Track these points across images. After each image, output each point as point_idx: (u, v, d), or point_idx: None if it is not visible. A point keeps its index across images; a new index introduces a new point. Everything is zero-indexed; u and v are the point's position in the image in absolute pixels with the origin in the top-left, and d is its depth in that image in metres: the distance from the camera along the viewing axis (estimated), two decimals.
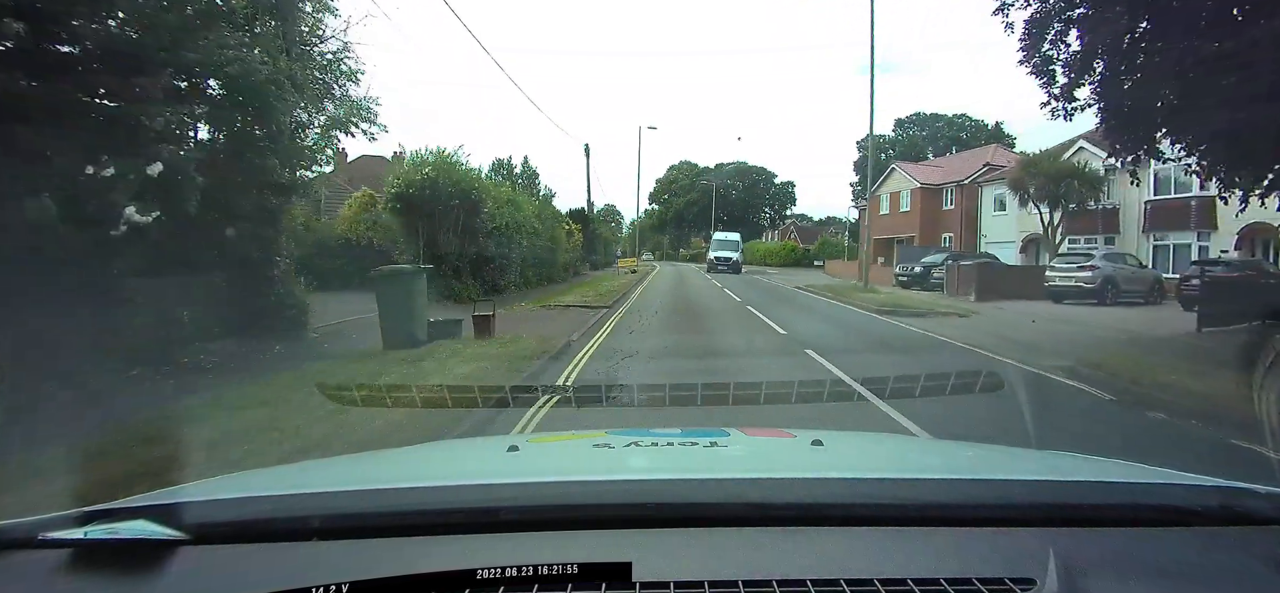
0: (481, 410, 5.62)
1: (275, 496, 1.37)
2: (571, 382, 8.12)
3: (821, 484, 1.37)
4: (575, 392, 7.02)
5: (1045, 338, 12.33)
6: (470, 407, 5.63)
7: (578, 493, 1.32)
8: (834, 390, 5.96)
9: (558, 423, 5.47)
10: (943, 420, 5.49)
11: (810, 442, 1.81)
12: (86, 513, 1.15)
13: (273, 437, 5.26)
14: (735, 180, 79.77)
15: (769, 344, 11.63)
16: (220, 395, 6.89)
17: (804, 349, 10.46)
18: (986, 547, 1.16)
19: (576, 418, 5.79)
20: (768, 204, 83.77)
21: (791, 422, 3.71)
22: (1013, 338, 12.14)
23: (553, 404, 6.12)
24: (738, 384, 5.03)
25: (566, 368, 8.99)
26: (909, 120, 68.57)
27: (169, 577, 1.07)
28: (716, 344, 11.84)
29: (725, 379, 6.36)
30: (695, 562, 1.07)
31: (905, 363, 9.93)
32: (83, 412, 5.78)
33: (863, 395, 5.79)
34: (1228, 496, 1.30)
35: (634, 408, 5.10)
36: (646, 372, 8.57)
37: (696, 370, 8.52)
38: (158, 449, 4.38)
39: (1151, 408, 6.97)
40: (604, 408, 5.49)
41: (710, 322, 15.53)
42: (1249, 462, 4.84)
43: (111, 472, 3.92)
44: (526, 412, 5.87)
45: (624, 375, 8.14)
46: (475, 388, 6.06)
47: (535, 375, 8.42)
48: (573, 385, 7.77)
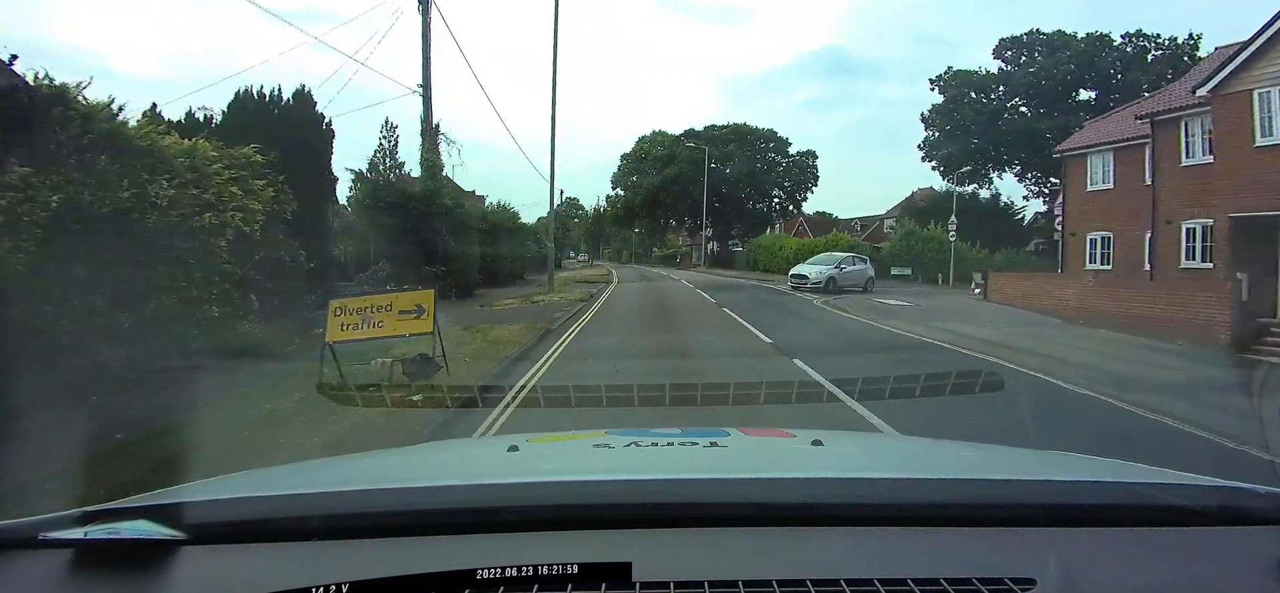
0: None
1: (275, 496, 1.37)
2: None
3: (821, 484, 1.37)
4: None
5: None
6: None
7: (578, 493, 1.31)
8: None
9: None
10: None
11: (810, 442, 1.80)
12: (87, 513, 1.15)
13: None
14: (732, 147, 54.79)
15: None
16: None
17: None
18: (986, 547, 1.16)
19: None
20: (779, 183, 57.67)
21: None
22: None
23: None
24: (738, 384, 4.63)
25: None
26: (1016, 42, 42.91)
27: (169, 577, 1.07)
28: None
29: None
30: (695, 562, 1.06)
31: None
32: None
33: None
34: (1227, 496, 1.30)
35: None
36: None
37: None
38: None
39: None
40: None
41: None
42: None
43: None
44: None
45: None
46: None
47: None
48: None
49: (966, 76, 44.60)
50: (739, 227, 58.35)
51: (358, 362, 8.27)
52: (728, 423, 2.64)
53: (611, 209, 66.98)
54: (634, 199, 59.68)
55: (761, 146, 57.28)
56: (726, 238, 58.43)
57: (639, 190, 58.56)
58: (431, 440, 4.73)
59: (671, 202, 56.72)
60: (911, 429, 5.28)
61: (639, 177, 58.64)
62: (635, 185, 59.38)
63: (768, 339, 12.41)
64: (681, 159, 54.65)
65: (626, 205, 61.54)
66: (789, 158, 57.41)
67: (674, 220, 62.85)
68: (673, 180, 54.92)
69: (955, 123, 43.98)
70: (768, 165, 57.32)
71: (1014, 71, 43.19)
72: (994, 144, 43.02)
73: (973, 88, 44.30)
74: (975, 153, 42.84)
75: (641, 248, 72.64)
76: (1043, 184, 44.61)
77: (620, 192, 62.38)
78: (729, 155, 54.98)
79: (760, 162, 56.90)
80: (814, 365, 8.98)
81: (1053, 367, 9.93)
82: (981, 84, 44.36)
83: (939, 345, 12.27)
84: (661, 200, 57.08)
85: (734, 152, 55.15)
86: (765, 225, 57.47)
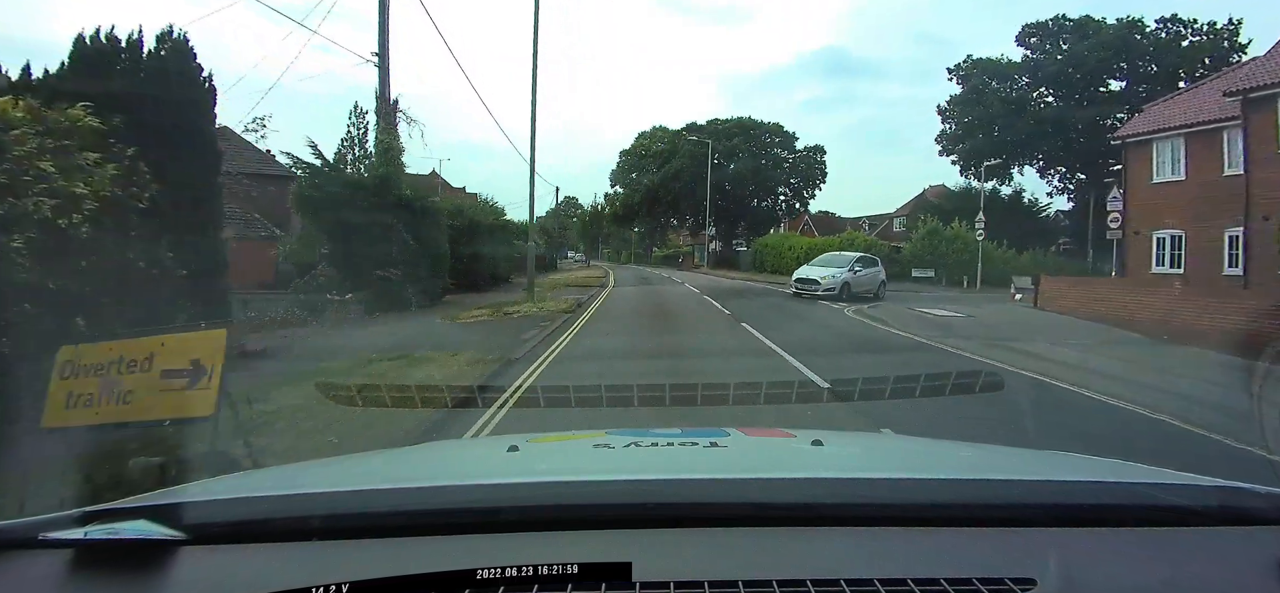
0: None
1: (275, 496, 1.37)
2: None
3: (822, 484, 1.36)
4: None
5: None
6: None
7: (578, 493, 1.31)
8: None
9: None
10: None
11: (810, 442, 1.79)
12: (86, 513, 1.15)
13: None
14: (736, 142, 52.01)
15: None
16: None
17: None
18: (986, 547, 1.15)
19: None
20: (785, 180, 54.77)
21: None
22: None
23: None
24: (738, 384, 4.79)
25: None
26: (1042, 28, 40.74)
27: (169, 577, 1.07)
28: None
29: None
30: (695, 562, 1.06)
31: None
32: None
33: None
34: (1228, 496, 1.29)
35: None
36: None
37: None
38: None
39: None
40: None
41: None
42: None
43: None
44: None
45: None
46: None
47: None
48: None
49: (987, 65, 43.14)
50: (743, 226, 55.85)
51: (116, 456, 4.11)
52: (726, 423, 2.60)
53: (610, 207, 63.30)
54: (633, 197, 56.50)
55: (767, 141, 54.31)
56: (730, 238, 56.10)
57: (639, 188, 55.59)
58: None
59: (672, 199, 53.86)
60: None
61: (639, 174, 55.80)
62: (635, 183, 56.37)
63: (815, 375, 8.12)
64: (683, 154, 51.67)
65: (625, 204, 58.31)
66: (796, 153, 54.58)
67: (675, 219, 59.74)
68: (674, 177, 52.12)
69: (976, 114, 42.29)
70: (773, 161, 54.22)
71: (1040, 59, 40.98)
72: (1019, 137, 40.91)
73: (994, 77, 42.82)
74: (999, 145, 40.27)
75: (641, 248, 68.77)
76: (1068, 180, 42.68)
77: (619, 189, 59.31)
78: (733, 151, 51.90)
79: (765, 157, 53.86)
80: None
81: (1233, 427, 6.62)
82: (1003, 73, 42.96)
83: (1047, 382, 8.69)
84: (662, 198, 54.18)
85: (739, 147, 52.26)
86: (770, 224, 54.48)
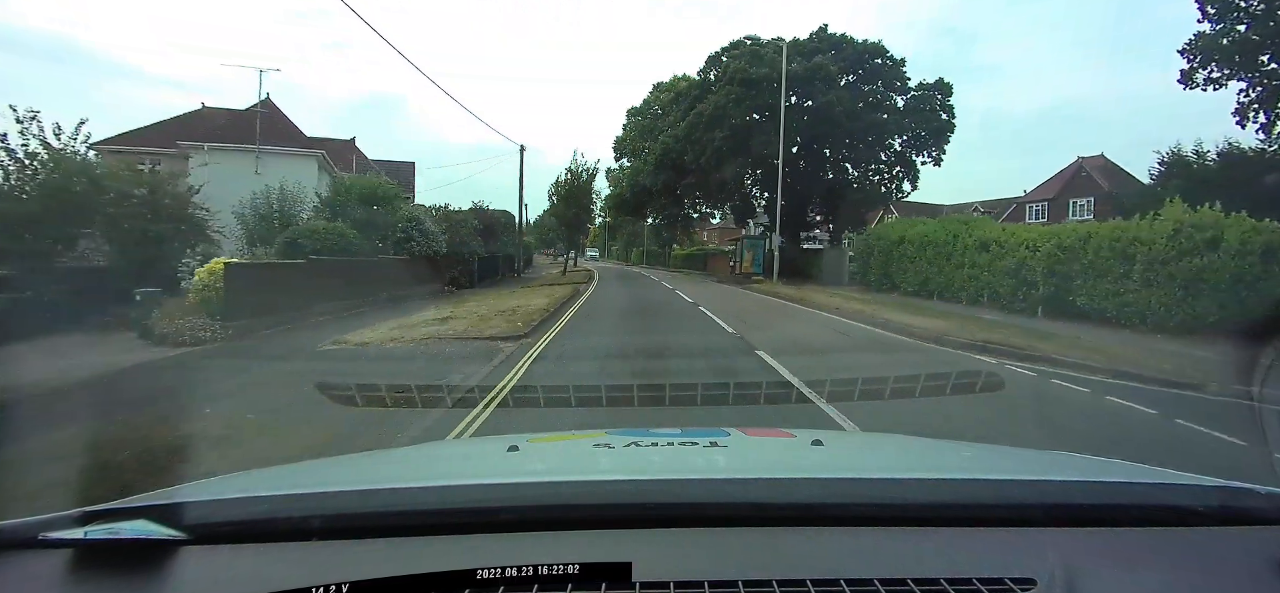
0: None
1: (275, 496, 1.37)
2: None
3: (821, 484, 1.37)
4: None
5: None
6: None
7: (578, 493, 1.32)
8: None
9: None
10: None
11: (810, 442, 1.81)
12: (87, 513, 1.14)
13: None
14: (816, 62, 30.38)
15: None
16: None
17: None
18: (987, 547, 1.16)
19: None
20: (894, 135, 32.49)
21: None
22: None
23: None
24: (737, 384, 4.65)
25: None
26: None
27: (169, 577, 1.07)
28: None
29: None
30: (695, 562, 1.07)
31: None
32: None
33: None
34: (1228, 496, 1.31)
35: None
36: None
37: None
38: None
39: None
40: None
41: None
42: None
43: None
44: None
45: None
46: None
47: None
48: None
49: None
50: (818, 210, 35.36)
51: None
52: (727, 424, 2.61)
53: (614, 189, 42.74)
54: (642, 169, 36.64)
55: (866, 71, 31.90)
56: (797, 229, 34.60)
57: (647, 156, 36.23)
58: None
59: (701, 167, 32.11)
60: None
61: (652, 142, 36.20)
62: (647, 154, 36.54)
63: None
64: (721, 90, 30.96)
65: (632, 182, 38.35)
66: (910, 93, 32.11)
67: (702, 201, 39.06)
68: (704, 126, 30.95)
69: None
70: (875, 104, 31.67)
71: None
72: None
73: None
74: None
75: (656, 243, 49.73)
76: None
77: (626, 162, 39.76)
78: (810, 83, 30.29)
79: (866, 98, 31.51)
80: None
81: None
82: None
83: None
84: (684, 164, 32.89)
85: (818, 76, 30.16)
86: (861, 208, 34.17)
